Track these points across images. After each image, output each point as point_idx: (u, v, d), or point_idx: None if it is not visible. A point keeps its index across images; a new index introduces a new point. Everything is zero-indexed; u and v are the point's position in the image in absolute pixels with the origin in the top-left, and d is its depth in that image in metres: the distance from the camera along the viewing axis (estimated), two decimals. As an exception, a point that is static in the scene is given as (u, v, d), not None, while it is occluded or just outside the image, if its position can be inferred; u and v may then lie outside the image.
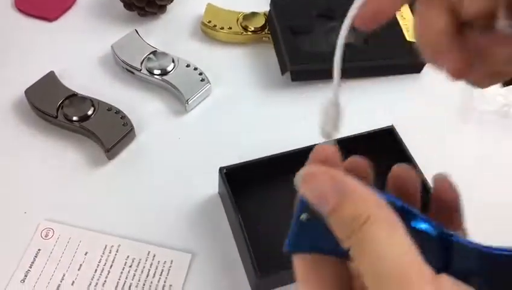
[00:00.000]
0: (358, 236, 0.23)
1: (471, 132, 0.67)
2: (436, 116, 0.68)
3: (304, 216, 0.25)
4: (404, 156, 0.59)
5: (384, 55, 0.71)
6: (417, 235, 0.23)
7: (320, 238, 0.25)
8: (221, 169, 0.56)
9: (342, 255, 0.24)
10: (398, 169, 0.29)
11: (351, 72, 0.70)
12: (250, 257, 0.51)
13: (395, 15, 0.27)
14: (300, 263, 0.26)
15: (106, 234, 0.56)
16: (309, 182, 0.25)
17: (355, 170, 0.28)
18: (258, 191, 0.59)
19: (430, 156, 0.60)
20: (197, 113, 0.67)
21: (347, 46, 0.29)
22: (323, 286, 0.26)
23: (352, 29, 0.28)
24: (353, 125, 0.64)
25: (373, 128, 0.61)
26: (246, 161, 0.57)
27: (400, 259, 0.22)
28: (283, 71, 0.69)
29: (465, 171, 0.62)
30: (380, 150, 0.61)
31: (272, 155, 0.57)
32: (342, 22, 0.28)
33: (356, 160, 0.29)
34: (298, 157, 0.28)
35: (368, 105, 0.68)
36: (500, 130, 0.66)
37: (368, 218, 0.23)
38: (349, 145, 0.60)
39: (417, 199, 0.29)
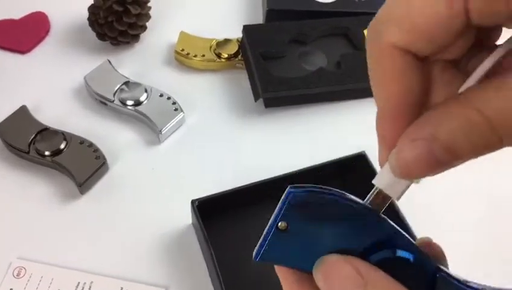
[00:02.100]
0: None
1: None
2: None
3: (283, 224, 0.24)
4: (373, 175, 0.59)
5: (356, 78, 0.71)
6: (402, 265, 0.23)
7: (293, 250, 0.24)
8: (193, 201, 0.56)
9: (308, 270, 0.24)
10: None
11: (322, 96, 0.70)
12: (221, 288, 0.51)
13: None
14: (284, 276, 0.25)
15: (79, 270, 0.55)
16: (329, 276, 0.23)
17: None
18: (231, 222, 0.58)
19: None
20: (171, 143, 0.67)
21: (320, 70, 0.28)
22: None
23: (324, 54, 0.27)
24: (325, 150, 0.65)
25: (345, 155, 0.61)
26: (218, 193, 0.56)
27: None
28: (256, 98, 0.70)
29: (439, 189, 0.63)
30: (353, 177, 0.62)
31: (243, 186, 0.57)
32: (313, 46, 0.27)
33: (430, 243, 0.27)
34: (271, 187, 0.28)
35: (340, 128, 0.68)
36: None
37: None
38: (321, 173, 0.61)
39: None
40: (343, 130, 0.69)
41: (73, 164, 0.60)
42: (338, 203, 0.24)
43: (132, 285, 0.54)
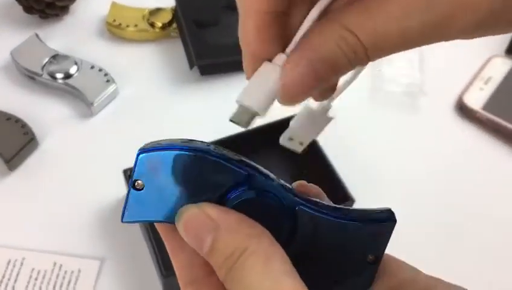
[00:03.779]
0: (233, 271, 0.22)
1: (378, 112, 0.68)
2: (344, 97, 0.68)
3: (139, 183, 0.24)
4: (311, 142, 0.60)
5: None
6: (260, 204, 0.24)
7: (155, 207, 0.24)
8: (125, 171, 0.55)
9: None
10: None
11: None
12: (156, 256, 0.50)
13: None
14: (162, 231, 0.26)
15: (9, 247, 0.54)
16: (187, 227, 0.24)
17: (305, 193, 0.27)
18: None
19: (339, 138, 0.61)
20: (104, 115, 0.65)
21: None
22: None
23: None
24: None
25: (280, 117, 0.61)
26: (151, 161, 0.55)
27: (278, 284, 0.21)
28: (191, 66, 0.68)
29: (373, 152, 0.64)
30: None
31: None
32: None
33: (305, 184, 0.28)
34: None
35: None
36: (405, 109, 0.68)
37: (243, 251, 0.22)
38: (256, 137, 0.61)
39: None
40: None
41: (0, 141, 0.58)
42: (188, 157, 0.24)
43: (65, 259, 0.53)
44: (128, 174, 0.55)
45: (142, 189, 0.24)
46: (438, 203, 0.60)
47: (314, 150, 0.59)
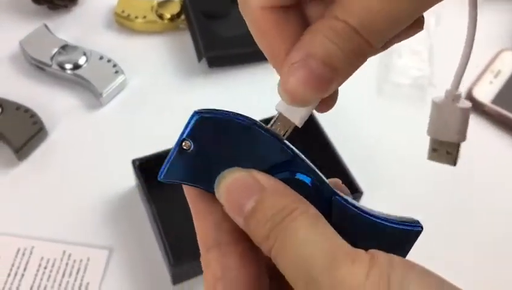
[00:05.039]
0: (281, 226, 0.22)
1: (386, 104, 0.68)
2: (353, 89, 0.68)
3: (187, 144, 0.24)
4: (320, 134, 0.60)
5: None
6: (299, 186, 0.24)
7: (197, 170, 0.24)
8: (134, 161, 0.55)
9: (212, 191, 0.24)
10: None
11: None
12: (164, 246, 0.50)
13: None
14: (190, 196, 0.25)
15: (19, 237, 0.54)
16: (230, 189, 0.23)
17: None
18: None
19: (348, 131, 0.61)
20: (113, 106, 0.65)
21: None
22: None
23: None
24: (270, 109, 0.64)
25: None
26: (160, 152, 0.56)
27: (326, 243, 0.21)
28: (199, 58, 0.68)
29: (381, 145, 0.64)
30: (297, 134, 0.62)
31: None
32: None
33: (340, 185, 0.27)
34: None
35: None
36: (414, 102, 0.67)
37: (292, 210, 0.22)
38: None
39: None
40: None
41: (9, 130, 0.59)
42: (242, 127, 0.24)
43: (74, 248, 0.53)
44: (137, 164, 0.55)
45: (188, 150, 0.24)
46: (446, 196, 0.60)
47: (322, 142, 0.59)
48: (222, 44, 0.69)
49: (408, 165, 0.62)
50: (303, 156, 0.25)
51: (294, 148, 0.25)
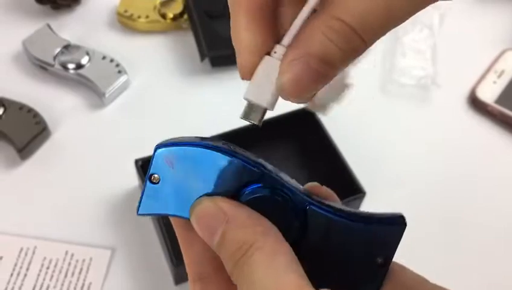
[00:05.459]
0: (240, 265, 0.22)
1: (390, 104, 0.67)
2: (356, 90, 0.68)
3: (155, 177, 0.25)
4: (323, 135, 0.60)
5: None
6: (271, 202, 0.24)
7: (170, 201, 0.25)
8: (136, 161, 0.55)
9: (188, 218, 0.25)
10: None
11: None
12: (166, 246, 0.50)
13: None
14: (176, 225, 0.26)
15: (21, 236, 0.54)
16: (200, 219, 0.24)
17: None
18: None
19: (351, 130, 0.61)
20: (116, 106, 0.65)
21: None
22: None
23: None
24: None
25: (291, 109, 0.61)
26: (162, 151, 0.56)
27: (277, 282, 0.21)
28: (202, 58, 0.68)
29: (385, 144, 0.64)
30: (300, 131, 0.62)
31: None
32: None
33: (318, 187, 0.28)
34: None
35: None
36: (417, 102, 0.67)
37: (250, 245, 0.22)
38: (268, 128, 0.61)
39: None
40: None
41: (12, 129, 0.59)
42: (204, 154, 0.25)
43: (77, 248, 0.53)
44: (140, 164, 0.55)
45: (158, 183, 0.25)
46: (450, 196, 0.60)
47: (325, 142, 0.59)
48: (225, 44, 0.68)
49: (412, 165, 0.62)
50: (273, 169, 0.25)
51: (263, 162, 0.25)
